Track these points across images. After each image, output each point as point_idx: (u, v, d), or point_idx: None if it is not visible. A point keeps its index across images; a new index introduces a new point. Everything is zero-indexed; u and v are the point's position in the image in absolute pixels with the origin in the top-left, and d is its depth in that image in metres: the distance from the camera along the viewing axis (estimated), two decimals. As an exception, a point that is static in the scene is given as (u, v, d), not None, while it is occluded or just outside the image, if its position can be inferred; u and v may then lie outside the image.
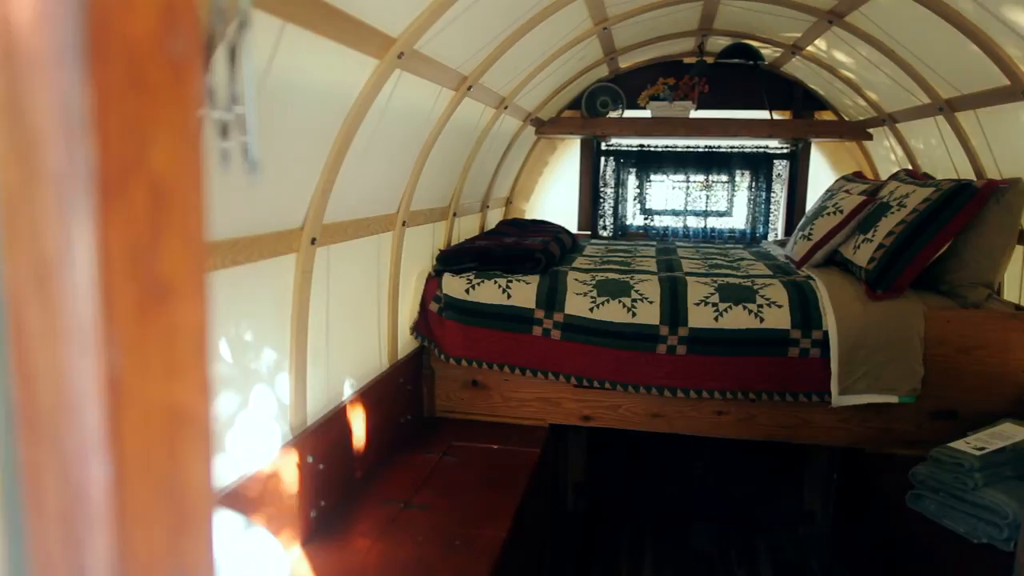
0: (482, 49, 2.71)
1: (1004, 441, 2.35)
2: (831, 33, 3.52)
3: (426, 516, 2.30)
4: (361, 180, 2.35)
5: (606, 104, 4.65)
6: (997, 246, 2.85)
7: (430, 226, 3.31)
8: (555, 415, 3.07)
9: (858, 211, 3.21)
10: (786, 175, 4.72)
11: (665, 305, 2.88)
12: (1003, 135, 2.92)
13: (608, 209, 4.91)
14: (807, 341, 2.79)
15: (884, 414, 2.82)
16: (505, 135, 4.02)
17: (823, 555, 3.32)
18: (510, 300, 3.00)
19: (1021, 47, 2.40)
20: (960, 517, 2.25)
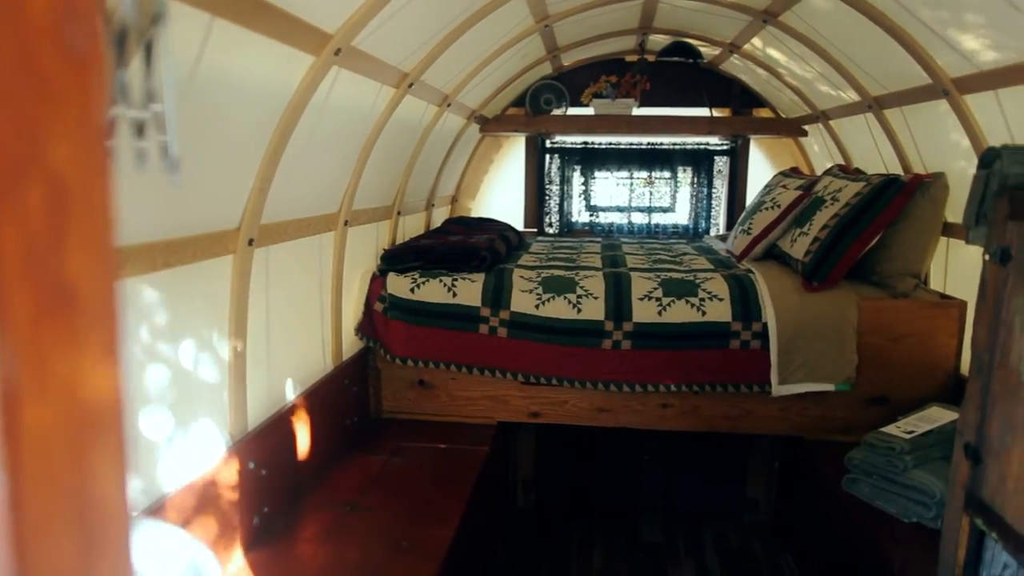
0: (423, 46, 2.69)
1: (931, 424, 2.45)
2: (766, 32, 3.61)
3: (373, 518, 2.27)
4: (300, 179, 2.30)
5: (550, 102, 4.67)
6: (923, 238, 2.97)
7: (374, 225, 3.27)
8: (503, 413, 3.08)
9: (794, 206, 3.30)
10: (726, 171, 4.82)
11: (610, 301, 2.91)
12: (927, 131, 3.04)
13: (554, 206, 4.93)
14: (748, 333, 2.85)
15: (821, 402, 2.91)
16: (449, 133, 3.99)
17: (767, 541, 3.41)
18: (456, 299, 2.99)
19: (941, 47, 2.50)
20: (892, 498, 2.34)
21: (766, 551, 3.33)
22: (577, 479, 3.75)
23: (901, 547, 2.13)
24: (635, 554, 3.32)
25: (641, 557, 3.29)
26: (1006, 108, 2.37)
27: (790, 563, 3.20)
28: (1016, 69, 2.18)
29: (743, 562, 3.25)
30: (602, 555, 3.31)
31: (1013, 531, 1.57)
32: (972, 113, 2.55)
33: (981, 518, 1.72)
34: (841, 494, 2.50)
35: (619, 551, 3.34)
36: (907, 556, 2.08)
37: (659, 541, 3.43)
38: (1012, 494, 1.58)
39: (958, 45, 2.41)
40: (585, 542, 3.43)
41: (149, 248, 1.51)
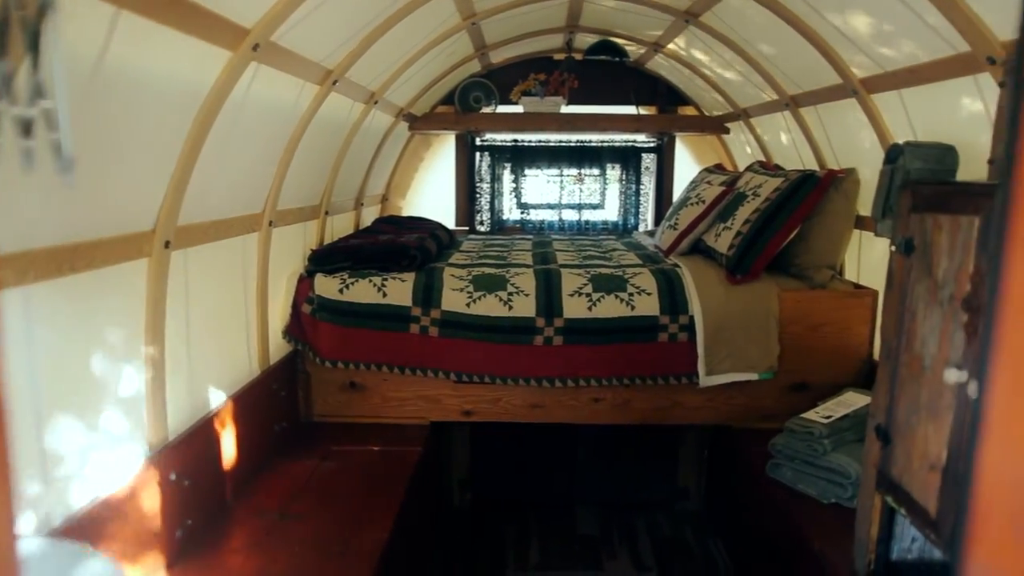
0: (347, 42, 2.64)
1: (847, 409, 2.56)
2: (689, 32, 3.70)
3: (303, 525, 2.22)
4: (220, 179, 2.23)
5: (479, 99, 4.67)
6: (838, 230, 3.10)
7: (300, 225, 3.20)
8: (436, 412, 3.06)
9: (718, 201, 3.39)
10: (654, 168, 4.93)
11: (540, 297, 2.93)
12: (839, 129, 3.18)
13: (485, 204, 4.94)
14: (675, 326, 2.92)
15: (746, 391, 3.01)
16: (377, 131, 3.94)
17: (698, 527, 3.50)
18: (386, 299, 2.95)
19: (849, 49, 2.61)
20: (812, 481, 2.44)
21: (697, 537, 3.42)
22: (512, 475, 3.77)
23: (821, 527, 2.22)
24: (571, 547, 3.36)
25: (577, 549, 3.33)
26: (909, 107, 2.50)
27: (719, 548, 3.30)
28: (916, 70, 2.30)
29: (675, 549, 3.33)
30: (538, 549, 3.34)
31: (919, 506, 1.65)
32: (879, 111, 2.67)
33: (891, 496, 1.81)
34: (766, 479, 2.58)
35: (555, 544, 3.38)
36: (826, 535, 2.16)
37: (594, 533, 3.48)
38: (917, 471, 1.66)
39: (865, 47, 2.53)
40: (521, 537, 3.44)
41: (51, 253, 1.43)
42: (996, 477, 0.43)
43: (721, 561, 3.21)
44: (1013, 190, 0.41)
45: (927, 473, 1.65)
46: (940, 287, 1.65)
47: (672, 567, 3.18)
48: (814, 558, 2.16)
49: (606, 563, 3.22)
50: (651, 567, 3.18)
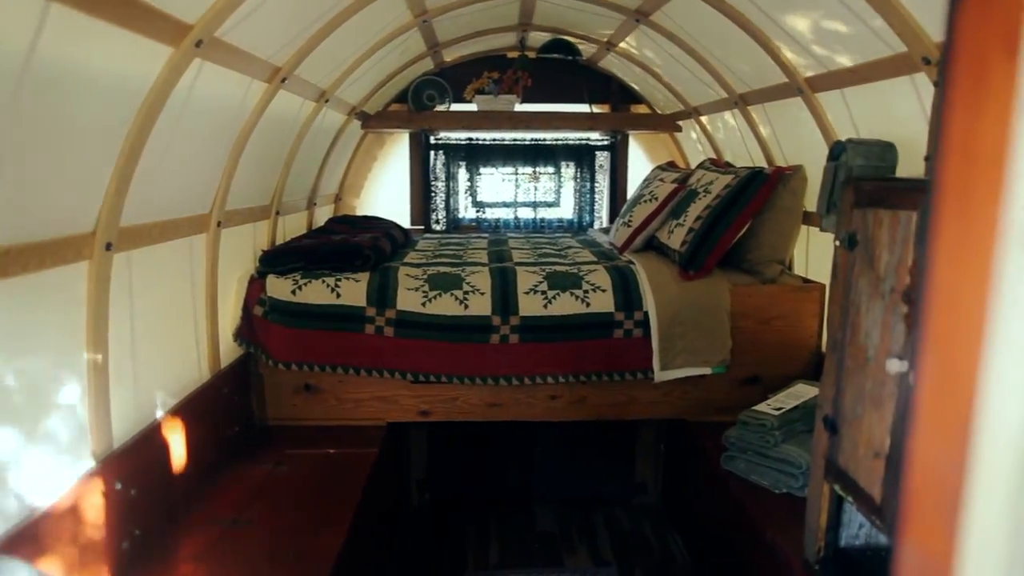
0: (295, 39, 2.60)
1: (797, 400, 2.62)
2: (640, 31, 3.74)
3: (257, 532, 2.18)
4: (165, 179, 2.17)
5: (432, 98, 4.64)
6: (786, 226, 3.17)
7: (251, 226, 3.13)
8: (393, 413, 3.03)
9: (671, 198, 3.43)
10: (608, 165, 4.97)
11: (496, 295, 2.93)
12: (786, 127, 3.25)
13: (440, 203, 4.91)
14: (630, 322, 2.95)
15: (700, 385, 3.05)
16: (329, 129, 3.89)
17: (656, 521, 3.54)
18: (340, 299, 2.91)
19: (794, 48, 2.67)
20: (765, 472, 2.49)
21: (655, 531, 3.47)
22: (471, 474, 3.76)
23: (773, 517, 2.27)
24: (530, 544, 3.36)
25: (536, 547, 3.34)
26: (851, 105, 2.56)
27: (677, 540, 3.34)
28: (857, 70, 2.37)
29: (634, 543, 3.36)
30: (498, 548, 3.33)
31: (865, 493, 1.70)
32: (823, 110, 2.74)
33: (839, 484, 1.86)
34: (720, 471, 2.62)
35: (515, 543, 3.38)
36: (778, 525, 2.21)
37: (553, 530, 3.50)
38: (863, 459, 1.71)
39: (809, 47, 2.59)
40: (481, 536, 3.44)
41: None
42: (926, 461, 0.44)
43: (679, 554, 3.26)
44: (936, 186, 0.42)
45: (872, 461, 1.69)
46: (882, 280, 1.69)
47: (631, 561, 3.21)
48: (767, 547, 2.20)
49: (566, 559, 3.24)
50: (610, 561, 3.21)
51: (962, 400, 0.41)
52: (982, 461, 0.39)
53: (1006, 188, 0.38)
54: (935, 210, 0.44)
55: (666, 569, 3.17)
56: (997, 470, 0.38)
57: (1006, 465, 0.38)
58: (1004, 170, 0.38)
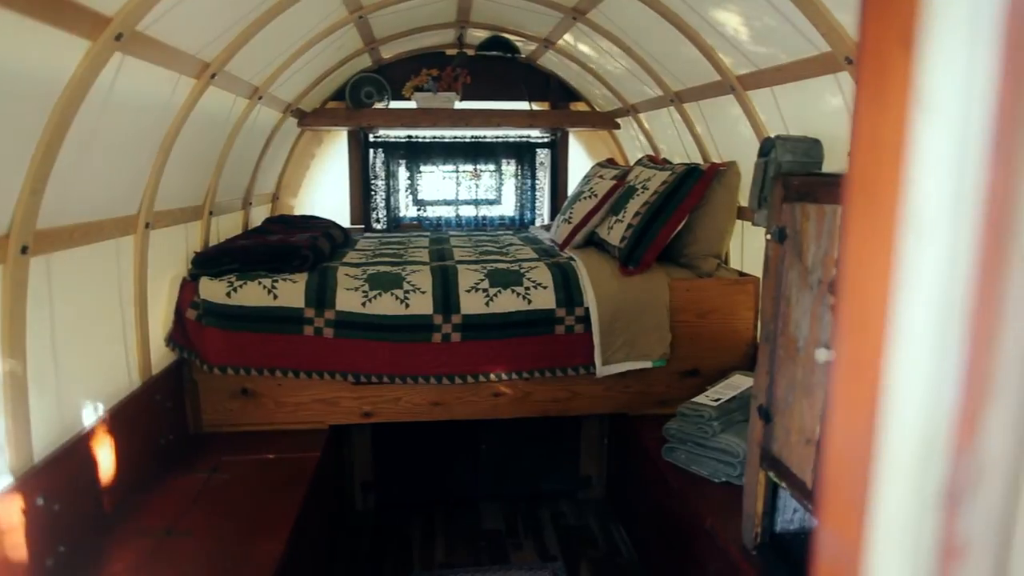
0: (224, 34, 2.52)
1: (735, 391, 2.68)
2: (577, 29, 3.77)
3: (193, 542, 2.11)
4: (87, 179, 2.07)
5: (371, 95, 4.58)
6: (721, 221, 3.24)
7: (182, 227, 3.03)
8: (334, 415, 2.98)
9: (610, 195, 3.47)
10: (548, 163, 4.99)
11: (437, 294, 2.91)
12: (720, 124, 3.32)
13: (380, 201, 4.85)
14: (571, 318, 2.97)
15: (642, 379, 3.10)
16: (264, 127, 3.79)
17: (601, 514, 3.58)
18: (277, 301, 2.85)
19: (726, 47, 2.73)
20: (704, 462, 2.54)
21: (600, 524, 3.50)
22: (416, 475, 3.73)
23: (712, 505, 2.32)
24: (477, 542, 3.36)
25: (483, 544, 3.34)
26: (780, 102, 2.64)
27: (621, 532, 3.39)
28: (784, 69, 2.44)
29: (580, 537, 3.39)
30: (444, 547, 3.32)
31: (797, 479, 1.75)
32: (754, 107, 2.81)
33: (773, 471, 1.91)
34: (662, 463, 2.67)
35: (461, 541, 3.37)
36: (718, 513, 2.26)
37: (500, 527, 3.50)
38: (795, 446, 1.76)
39: (740, 46, 2.65)
40: (427, 536, 3.41)
41: None
42: (838, 446, 0.46)
43: (623, 545, 3.30)
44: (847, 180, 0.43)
45: (804, 448, 1.75)
46: (810, 272, 1.75)
47: (577, 555, 3.24)
48: (707, 535, 2.25)
49: (512, 556, 3.25)
50: (556, 556, 3.23)
51: (869, 385, 0.42)
52: (887, 445, 0.40)
53: (906, 179, 0.39)
54: (846, 202, 0.45)
55: (611, 561, 3.21)
56: (900, 453, 0.40)
57: (908, 448, 0.39)
58: (904, 161, 0.39)
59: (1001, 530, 0.37)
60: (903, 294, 0.39)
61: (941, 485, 0.39)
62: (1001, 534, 0.37)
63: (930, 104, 0.37)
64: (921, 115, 0.38)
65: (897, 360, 0.40)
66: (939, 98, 0.37)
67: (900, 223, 0.39)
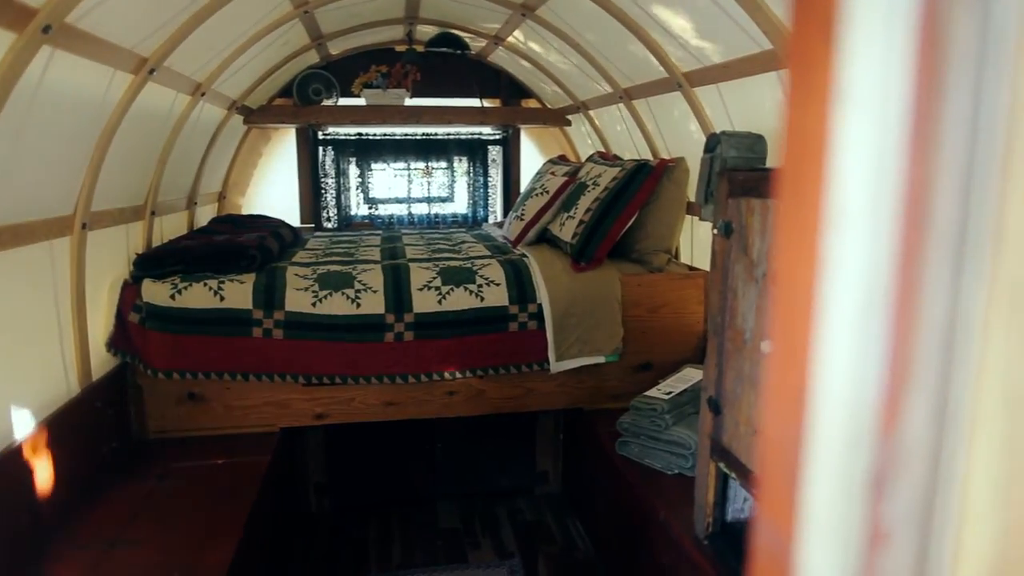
0: (163, 27, 2.44)
1: (686, 384, 2.72)
2: (526, 25, 3.77)
3: (138, 553, 2.04)
4: (15, 178, 1.99)
5: (319, 92, 4.51)
6: (671, 216, 3.29)
7: (123, 227, 2.93)
8: (286, 418, 2.93)
9: (561, 191, 3.49)
10: (500, 160, 4.99)
11: (389, 293, 2.88)
12: (668, 120, 3.36)
13: (331, 200, 4.78)
14: (524, 315, 2.97)
15: (595, 374, 3.12)
16: (208, 125, 3.70)
17: (557, 510, 3.60)
18: (224, 302, 2.78)
19: (672, 44, 2.76)
20: (657, 455, 2.57)
21: (557, 519, 3.52)
22: (372, 476, 3.69)
23: (665, 497, 2.35)
24: (434, 542, 3.34)
25: (440, 544, 3.32)
26: (726, 99, 2.68)
27: (578, 527, 3.41)
28: (729, 66, 2.48)
29: (537, 533, 3.40)
30: (400, 548, 3.29)
31: (746, 469, 1.78)
32: (701, 103, 2.85)
33: (723, 462, 1.94)
34: (616, 457, 2.69)
35: (418, 541, 3.35)
36: (670, 505, 2.29)
37: (457, 525, 3.49)
38: (743, 436, 1.80)
39: (686, 43, 2.68)
40: (383, 538, 3.38)
41: None
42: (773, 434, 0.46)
43: (580, 540, 3.32)
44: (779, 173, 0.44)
45: (751, 438, 1.78)
46: (755, 265, 1.78)
47: (534, 551, 3.25)
48: (660, 527, 2.28)
49: (470, 554, 3.24)
50: (514, 553, 3.23)
51: (799, 374, 0.42)
52: (816, 433, 0.41)
53: (829, 172, 0.39)
54: (777, 195, 0.45)
55: (568, 555, 3.23)
56: (828, 440, 0.40)
57: (836, 435, 0.40)
58: (827, 154, 0.39)
59: (923, 515, 0.38)
60: (829, 285, 0.40)
61: (867, 471, 0.39)
62: (923, 519, 0.38)
63: (850, 97, 0.38)
64: (842, 108, 0.38)
65: (824, 349, 0.40)
66: (859, 91, 0.38)
67: (825, 215, 0.40)
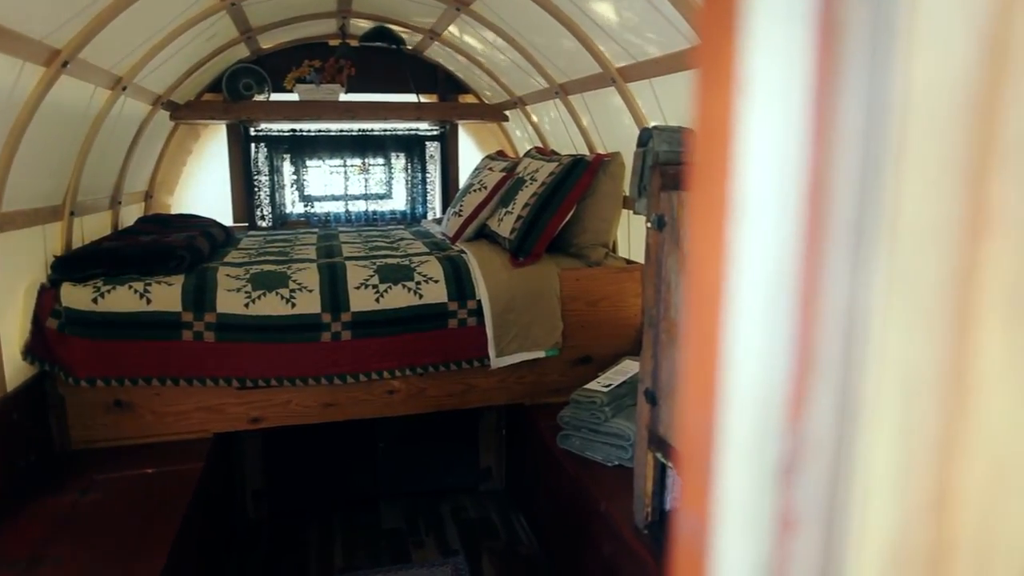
0: (77, 17, 2.33)
1: (624, 376, 2.76)
2: (461, 20, 3.74)
3: (61, 570, 1.95)
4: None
5: (250, 87, 4.38)
6: (608, 211, 3.32)
7: (39, 229, 2.79)
8: (219, 423, 2.84)
9: (499, 186, 3.48)
10: (439, 156, 4.95)
11: (325, 292, 2.82)
12: (603, 115, 3.40)
13: (265, 198, 4.66)
14: (464, 312, 2.96)
15: (535, 369, 3.13)
16: (131, 120, 3.55)
17: (501, 506, 3.60)
18: (151, 306, 2.68)
19: (605, 39, 2.79)
20: (597, 447, 2.60)
21: (501, 515, 3.52)
22: (312, 479, 3.62)
23: (606, 489, 2.37)
24: (377, 543, 3.30)
25: (383, 544, 3.28)
26: (658, 93, 2.72)
27: (522, 522, 3.42)
28: (660, 61, 2.51)
29: (481, 530, 3.40)
30: (343, 551, 3.24)
31: (681, 459, 1.81)
32: (634, 98, 2.89)
33: (660, 452, 1.98)
34: (557, 450, 2.71)
35: (361, 543, 3.30)
36: (610, 496, 2.32)
37: (400, 525, 3.45)
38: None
39: (618, 38, 2.71)
40: (325, 541, 3.32)
41: None
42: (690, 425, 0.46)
43: (524, 534, 3.34)
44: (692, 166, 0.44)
45: (686, 427, 1.81)
46: (687, 258, 1.81)
47: (478, 548, 3.24)
48: (601, 518, 2.31)
49: (414, 553, 3.21)
50: (458, 550, 3.22)
51: (711, 365, 0.42)
52: (728, 422, 0.41)
53: (734, 162, 0.40)
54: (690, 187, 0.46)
55: (512, 551, 3.23)
56: (740, 429, 0.40)
57: (747, 424, 0.40)
58: (732, 145, 0.40)
59: (829, 502, 0.38)
60: (737, 276, 0.40)
61: (777, 460, 0.40)
62: (830, 506, 0.38)
63: (753, 88, 0.38)
64: (745, 99, 0.39)
65: (734, 341, 0.40)
66: (761, 82, 0.38)
67: (731, 206, 0.40)
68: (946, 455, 0.35)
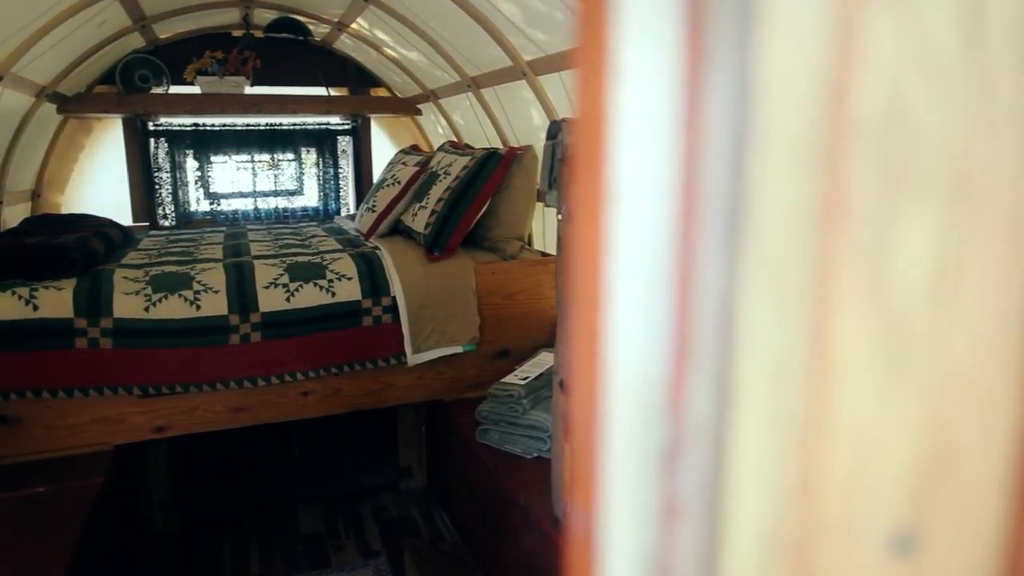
0: (-58, 3, 2.15)
1: (541, 368, 2.77)
2: (370, 12, 3.67)
3: (-61, 601, 1.80)
4: None
5: (146, 79, 4.16)
6: (522, 204, 3.33)
7: (-94, 232, 2.56)
8: (120, 434, 2.69)
9: (413, 181, 3.43)
10: (351, 150, 4.84)
11: (232, 293, 2.71)
12: (515, 109, 3.40)
13: (167, 196, 4.44)
14: (378, 309, 2.90)
15: (453, 364, 3.11)
16: (11, 114, 3.31)
17: (423, 504, 3.57)
18: (38, 312, 2.50)
19: (514, 33, 2.79)
20: (516, 440, 2.61)
21: (423, 513, 3.49)
22: (225, 487, 3.48)
23: (525, 481, 2.38)
24: (295, 548, 3.21)
25: (301, 549, 3.19)
26: (568, 87, 2.74)
27: (444, 518, 3.40)
28: (567, 55, 2.53)
29: (403, 529, 3.36)
30: (259, 558, 3.13)
31: (596, 448, 1.83)
32: (545, 91, 2.90)
33: (576, 442, 1.99)
34: (477, 445, 2.70)
35: (278, 549, 3.20)
36: (529, 487, 2.33)
37: (319, 529, 3.37)
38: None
39: (526, 32, 2.71)
40: (239, 549, 3.21)
41: None
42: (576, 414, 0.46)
43: (446, 531, 3.32)
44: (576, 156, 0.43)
45: (600, 416, 1.84)
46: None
47: (400, 547, 3.20)
48: (521, 510, 2.31)
49: (333, 557, 3.14)
50: (379, 551, 3.17)
51: (593, 355, 0.42)
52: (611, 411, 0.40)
53: (608, 149, 0.39)
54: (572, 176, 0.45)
55: (434, 548, 3.21)
56: (623, 418, 0.40)
57: (629, 412, 0.40)
58: (606, 131, 0.39)
59: (710, 490, 0.38)
60: (615, 261, 0.39)
61: (658, 449, 0.39)
62: (711, 494, 0.38)
63: (625, 72, 0.38)
64: (618, 83, 0.38)
65: (614, 326, 0.40)
66: (632, 65, 0.37)
67: (608, 192, 0.39)
68: (812, 441, 0.35)
